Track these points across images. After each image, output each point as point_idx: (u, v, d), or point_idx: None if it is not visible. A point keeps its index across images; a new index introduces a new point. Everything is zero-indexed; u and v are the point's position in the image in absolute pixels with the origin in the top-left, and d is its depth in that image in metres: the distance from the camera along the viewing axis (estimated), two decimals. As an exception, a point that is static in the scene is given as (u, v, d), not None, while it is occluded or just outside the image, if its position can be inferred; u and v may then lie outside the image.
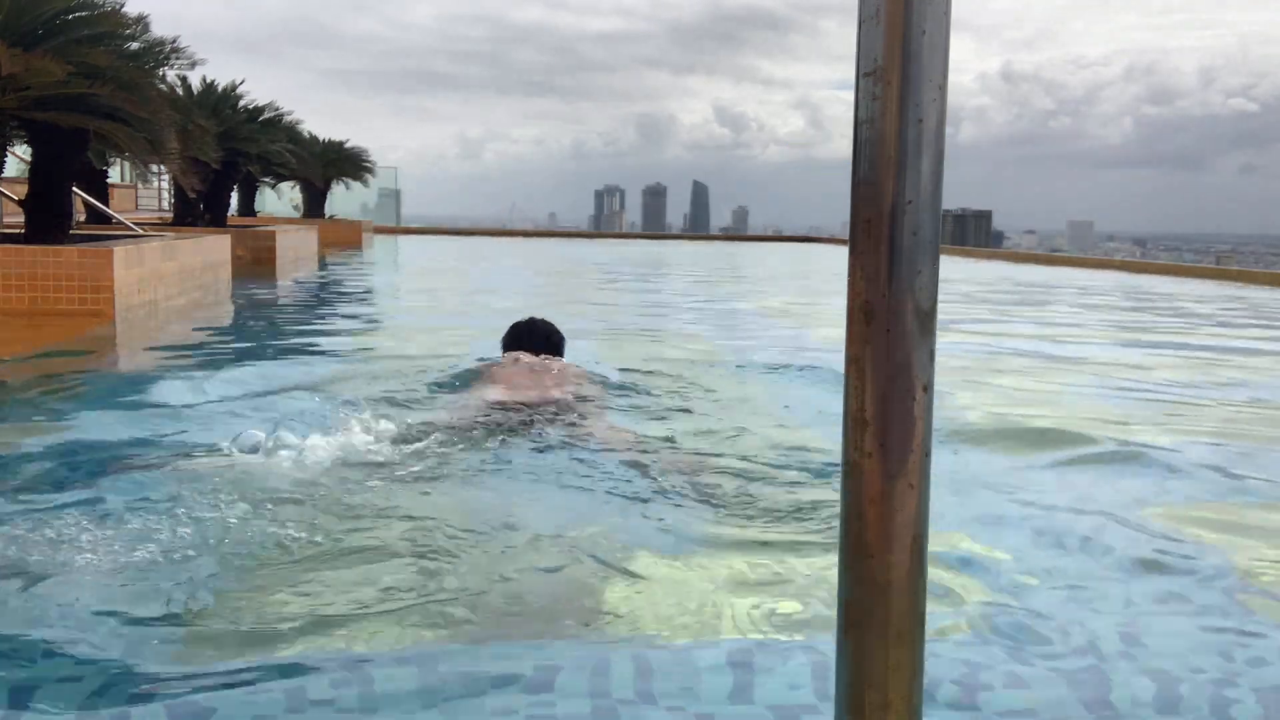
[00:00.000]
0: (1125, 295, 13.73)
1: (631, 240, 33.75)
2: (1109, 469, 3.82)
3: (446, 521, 3.00)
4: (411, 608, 2.33)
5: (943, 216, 1.13)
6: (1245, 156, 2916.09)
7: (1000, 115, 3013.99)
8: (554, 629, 2.28)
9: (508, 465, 3.61)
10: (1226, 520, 3.24)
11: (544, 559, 2.69)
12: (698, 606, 2.39)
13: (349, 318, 9.12)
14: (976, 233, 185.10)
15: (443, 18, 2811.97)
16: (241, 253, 12.44)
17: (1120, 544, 2.93)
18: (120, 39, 8.17)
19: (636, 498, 3.26)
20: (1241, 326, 9.92)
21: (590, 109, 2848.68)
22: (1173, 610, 2.50)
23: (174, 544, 2.65)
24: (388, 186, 31.66)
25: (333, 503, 3.09)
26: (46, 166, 8.25)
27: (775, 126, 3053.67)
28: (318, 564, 2.58)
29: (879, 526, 1.13)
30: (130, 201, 20.06)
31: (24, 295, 7.23)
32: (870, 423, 1.12)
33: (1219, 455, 4.14)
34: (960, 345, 7.15)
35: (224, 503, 3.02)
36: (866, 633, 1.15)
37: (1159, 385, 5.92)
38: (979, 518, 3.14)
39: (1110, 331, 9.04)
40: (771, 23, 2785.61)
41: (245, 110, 15.06)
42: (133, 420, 4.08)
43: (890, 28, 1.07)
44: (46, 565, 2.48)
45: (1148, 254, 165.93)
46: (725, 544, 2.84)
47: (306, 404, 4.45)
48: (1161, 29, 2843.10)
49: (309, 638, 2.18)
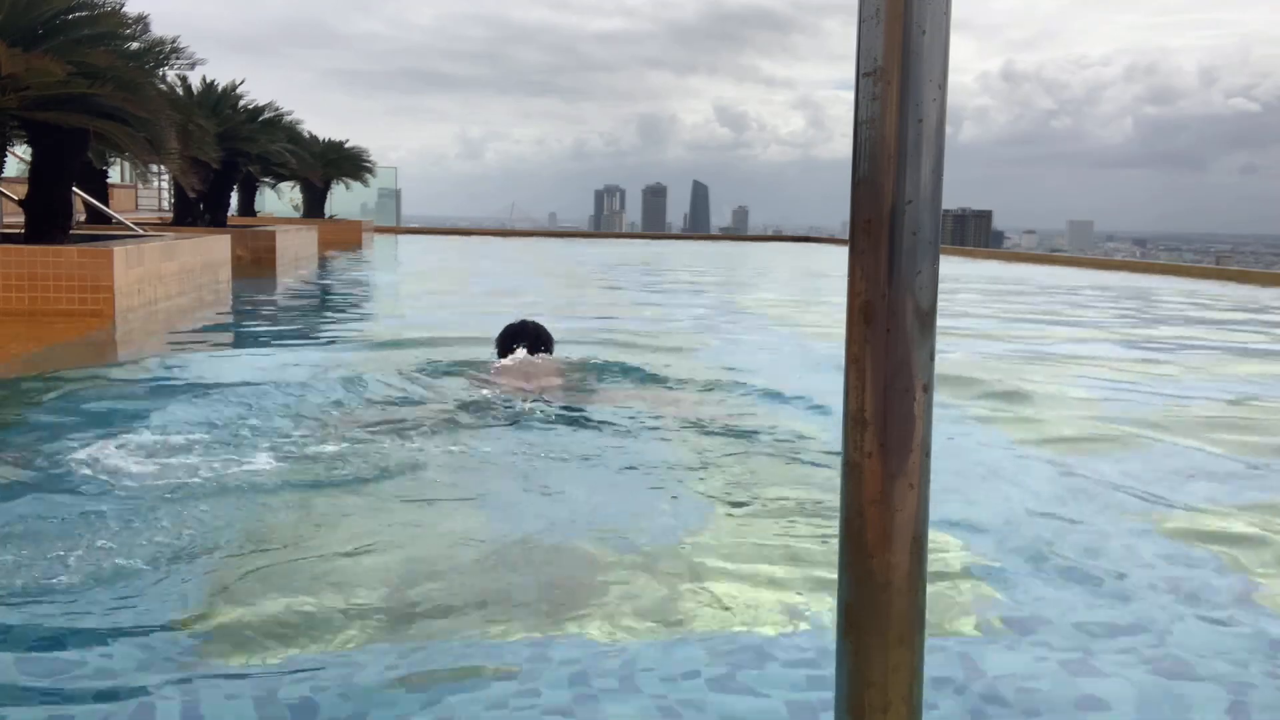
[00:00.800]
0: (1125, 295, 13.74)
1: (631, 240, 33.73)
2: (1109, 468, 3.82)
3: (444, 518, 3.00)
4: (403, 600, 2.34)
5: (943, 216, 1.13)
6: (1246, 156, 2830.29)
7: (1001, 115, 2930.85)
8: (545, 622, 2.27)
9: (505, 450, 3.61)
10: (1229, 518, 3.24)
11: (541, 554, 2.69)
12: (696, 606, 2.39)
13: (349, 317, 9.12)
14: (976, 233, 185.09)
15: (443, 17, 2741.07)
16: (241, 253, 12.44)
17: (1121, 543, 2.93)
18: (120, 39, 8.16)
19: (633, 492, 3.26)
20: (1239, 326, 9.92)
21: (591, 109, 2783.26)
22: (1175, 607, 2.50)
23: (174, 543, 2.65)
24: (387, 186, 31.66)
25: (333, 495, 3.09)
26: (46, 166, 8.24)
27: (776, 126, 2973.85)
28: (317, 560, 2.58)
29: (879, 526, 1.13)
30: (130, 201, 20.06)
31: (24, 295, 7.23)
32: (870, 423, 1.12)
33: (1220, 454, 4.14)
34: (960, 345, 7.15)
35: (224, 501, 3.02)
36: (866, 633, 1.15)
37: (1159, 385, 5.92)
38: (980, 516, 3.13)
39: (1110, 331, 9.03)
40: (774, 22, 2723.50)
41: (245, 110, 15.06)
42: (132, 420, 4.07)
43: (890, 27, 1.07)
44: (46, 564, 2.48)
45: (1148, 254, 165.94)
46: (724, 543, 2.84)
47: (306, 403, 4.45)
48: (1163, 28, 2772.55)
49: (312, 630, 2.18)
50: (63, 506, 2.92)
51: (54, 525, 2.76)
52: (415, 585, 2.47)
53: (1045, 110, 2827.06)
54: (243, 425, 3.96)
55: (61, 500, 2.99)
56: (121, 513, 2.85)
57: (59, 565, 2.48)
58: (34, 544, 2.61)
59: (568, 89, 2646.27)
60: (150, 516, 2.83)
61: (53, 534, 2.69)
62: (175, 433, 3.84)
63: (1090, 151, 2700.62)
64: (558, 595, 2.45)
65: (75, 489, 3.10)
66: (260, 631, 2.19)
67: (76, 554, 2.54)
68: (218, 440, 3.71)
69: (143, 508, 2.91)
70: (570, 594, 2.46)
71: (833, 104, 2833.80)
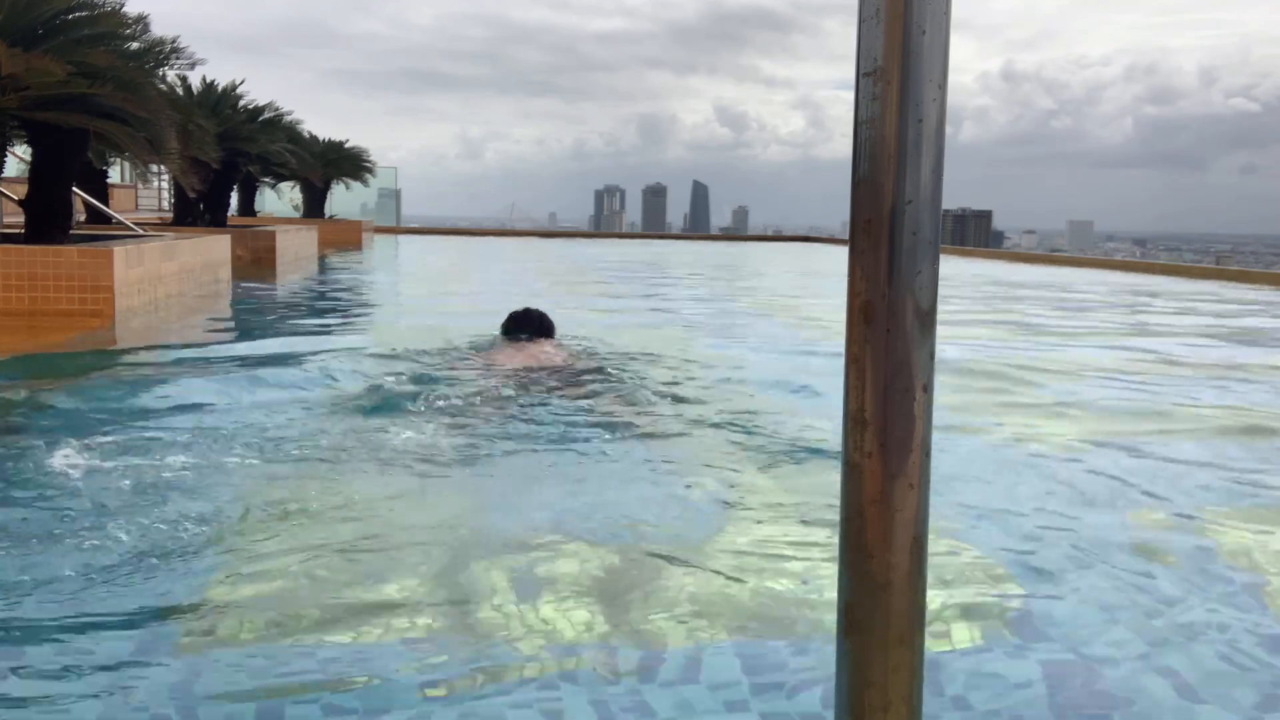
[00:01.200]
0: (1124, 295, 13.73)
1: (631, 240, 33.72)
2: (1110, 468, 3.82)
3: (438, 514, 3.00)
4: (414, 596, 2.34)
5: (943, 216, 1.13)
6: (1246, 156, 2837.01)
7: (1001, 115, 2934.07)
8: (538, 621, 2.27)
9: (503, 437, 3.62)
10: (1230, 516, 3.24)
11: (538, 549, 2.69)
12: (695, 606, 2.39)
13: (349, 316, 9.12)
14: (976, 233, 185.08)
15: (444, 17, 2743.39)
16: (241, 253, 12.44)
17: (1122, 541, 2.93)
18: (120, 39, 8.16)
19: (633, 490, 3.26)
20: (1239, 326, 9.92)
21: (592, 109, 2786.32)
22: (1180, 605, 2.50)
23: (174, 542, 2.65)
24: (387, 186, 31.64)
25: (332, 487, 3.09)
26: (46, 166, 8.24)
27: (776, 126, 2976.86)
28: (316, 549, 2.58)
29: (879, 526, 1.13)
30: (130, 201, 20.05)
31: (24, 295, 7.22)
32: (870, 423, 1.12)
33: (1220, 452, 4.14)
34: (959, 345, 7.15)
35: (225, 499, 3.02)
36: (866, 634, 1.15)
37: (1159, 384, 5.92)
38: (978, 515, 3.13)
39: (1109, 331, 9.03)
40: (774, 22, 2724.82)
41: (245, 110, 15.05)
42: (132, 420, 4.08)
43: (890, 27, 1.07)
44: (46, 564, 2.48)
45: (1148, 254, 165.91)
46: (724, 542, 2.84)
47: (306, 400, 4.46)
48: (1163, 28, 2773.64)
49: (325, 621, 2.19)
50: (63, 506, 2.92)
51: (53, 525, 2.75)
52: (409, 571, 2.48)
53: (1045, 110, 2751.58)
54: (243, 425, 3.96)
55: (61, 500, 2.99)
56: (121, 511, 2.85)
57: (58, 565, 2.48)
58: (35, 544, 2.61)
59: (568, 89, 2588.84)
60: (150, 515, 2.83)
61: (53, 534, 2.69)
62: (175, 433, 3.84)
63: (1090, 151, 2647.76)
64: (551, 592, 2.45)
65: (75, 489, 3.09)
66: (260, 618, 2.19)
67: (77, 554, 2.54)
68: (217, 440, 3.71)
69: (142, 506, 2.91)
70: (564, 591, 2.46)
71: (833, 104, 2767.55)
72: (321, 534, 2.80)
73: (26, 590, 2.35)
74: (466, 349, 5.62)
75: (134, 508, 2.91)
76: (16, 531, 2.70)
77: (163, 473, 3.27)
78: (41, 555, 2.54)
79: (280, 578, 2.49)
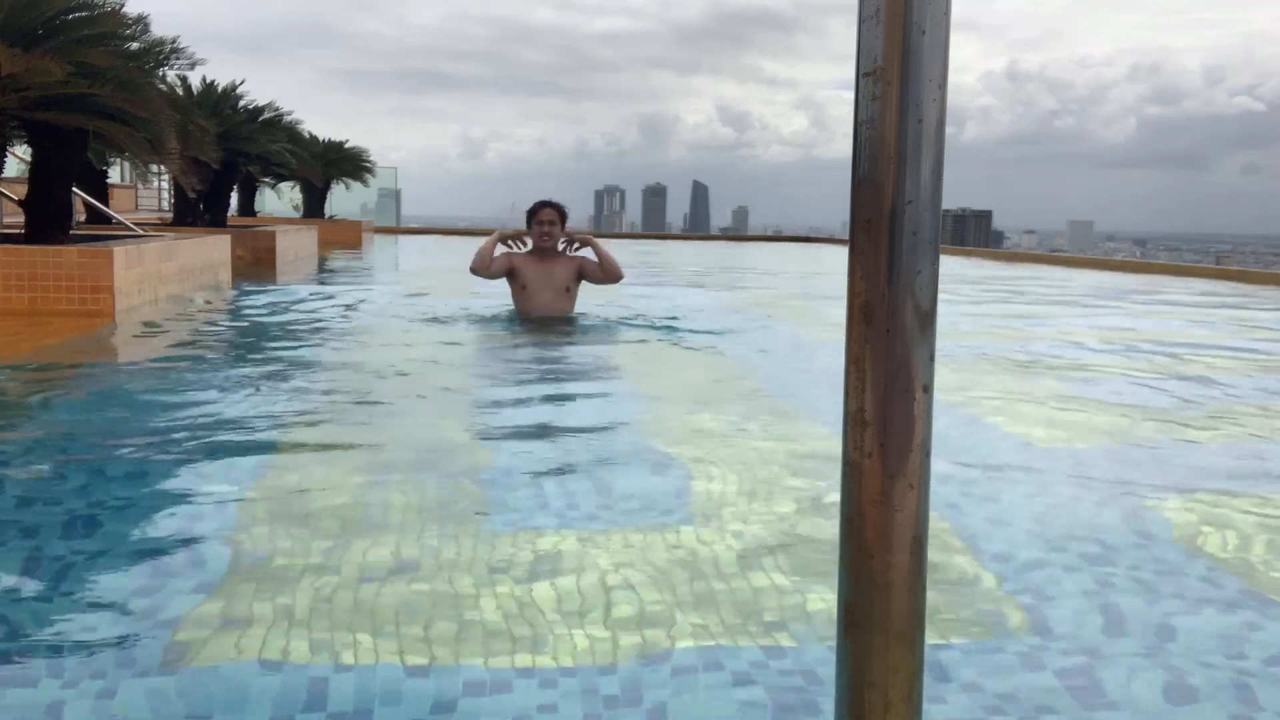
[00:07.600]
0: (1126, 294, 13.74)
1: (631, 241, 33.72)
2: (1110, 466, 3.82)
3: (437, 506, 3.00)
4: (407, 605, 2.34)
5: (943, 216, 1.13)
6: (1249, 156, 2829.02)
7: (1004, 115, 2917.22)
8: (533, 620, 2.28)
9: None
10: (1231, 515, 3.24)
11: (532, 545, 2.69)
12: (693, 605, 2.39)
13: (349, 316, 9.12)
14: (976, 233, 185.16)
15: (446, 17, 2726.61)
16: (241, 253, 12.43)
17: (1122, 541, 2.93)
18: (120, 39, 8.16)
19: (631, 489, 3.26)
20: (1238, 326, 9.93)
21: (593, 109, 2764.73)
22: (1181, 605, 2.50)
23: (175, 539, 2.66)
24: (388, 186, 31.66)
25: (331, 483, 3.09)
26: (46, 166, 8.24)
27: (778, 126, 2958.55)
28: (322, 559, 2.59)
29: (879, 526, 1.13)
30: (130, 201, 20.06)
31: (24, 295, 7.22)
32: (870, 423, 1.12)
33: (1221, 451, 4.14)
34: (959, 345, 7.15)
35: (225, 499, 3.02)
36: (866, 633, 1.15)
37: (1160, 383, 5.92)
38: (978, 515, 3.14)
39: (1109, 329, 9.04)
40: (777, 22, 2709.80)
41: (245, 110, 15.05)
42: (132, 420, 4.08)
43: (890, 28, 1.07)
44: (46, 564, 2.48)
45: (1148, 254, 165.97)
46: (721, 541, 2.84)
47: (306, 400, 4.46)
48: (1167, 28, 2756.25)
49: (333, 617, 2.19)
50: (63, 506, 2.92)
51: (53, 525, 2.76)
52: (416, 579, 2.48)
53: (1048, 110, 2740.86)
54: (242, 424, 3.96)
55: (61, 500, 2.99)
56: (121, 509, 2.86)
57: (58, 565, 2.48)
58: (34, 544, 2.61)
59: (570, 89, 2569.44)
60: (150, 514, 2.84)
61: (52, 534, 2.69)
62: (175, 433, 3.84)
63: (1093, 151, 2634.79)
64: (544, 587, 2.45)
65: (74, 489, 3.10)
66: (265, 617, 2.19)
67: (76, 554, 2.55)
68: (217, 440, 3.71)
69: (142, 506, 2.91)
70: (559, 586, 2.46)
71: (835, 104, 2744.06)
72: (324, 532, 2.80)
73: (27, 589, 2.35)
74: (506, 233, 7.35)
75: (134, 507, 2.92)
76: (16, 531, 2.70)
77: (162, 473, 3.27)
78: (40, 555, 2.54)
79: (283, 577, 2.49)
